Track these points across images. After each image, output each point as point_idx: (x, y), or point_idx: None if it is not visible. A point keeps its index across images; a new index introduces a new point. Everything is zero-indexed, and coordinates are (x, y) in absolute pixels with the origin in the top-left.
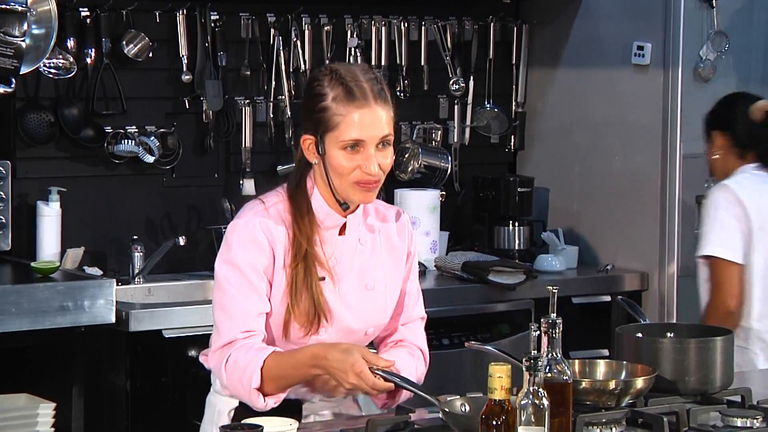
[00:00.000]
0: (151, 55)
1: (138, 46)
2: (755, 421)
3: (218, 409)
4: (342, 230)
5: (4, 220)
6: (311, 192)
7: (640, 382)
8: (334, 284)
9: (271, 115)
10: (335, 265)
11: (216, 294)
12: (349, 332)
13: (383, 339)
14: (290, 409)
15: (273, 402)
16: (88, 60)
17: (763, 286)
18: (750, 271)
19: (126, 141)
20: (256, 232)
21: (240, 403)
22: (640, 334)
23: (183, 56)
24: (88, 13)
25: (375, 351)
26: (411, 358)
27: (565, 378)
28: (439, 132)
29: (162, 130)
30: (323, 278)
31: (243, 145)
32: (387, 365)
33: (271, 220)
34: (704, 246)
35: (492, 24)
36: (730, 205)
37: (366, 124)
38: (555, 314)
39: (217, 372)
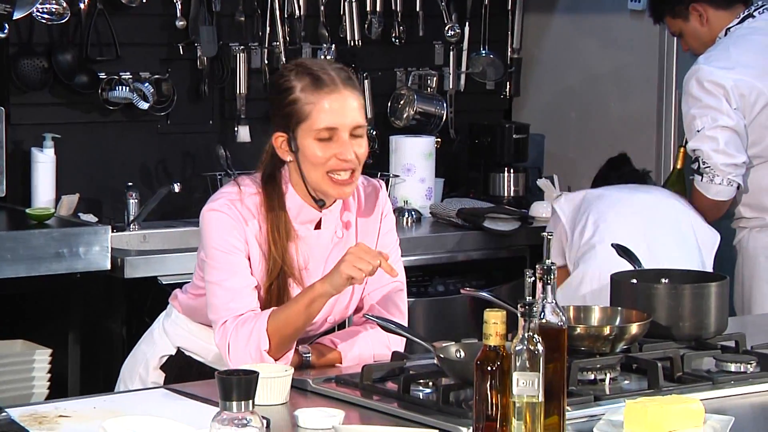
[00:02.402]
0: (144, 0)
1: None
2: (749, 366)
3: (157, 349)
4: (318, 225)
5: None
6: (285, 189)
7: (634, 328)
8: (304, 285)
9: (266, 62)
10: (308, 263)
11: (206, 277)
12: (309, 327)
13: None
14: None
15: (283, 363)
16: (82, 5)
17: None
18: None
19: (120, 87)
20: (230, 216)
21: (177, 350)
22: (634, 280)
23: (177, 2)
24: None
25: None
26: (367, 341)
27: (560, 324)
28: (435, 78)
29: (156, 76)
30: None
31: (238, 92)
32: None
33: (244, 207)
34: None
35: None
36: None
37: (337, 110)
38: (550, 260)
39: (222, 350)
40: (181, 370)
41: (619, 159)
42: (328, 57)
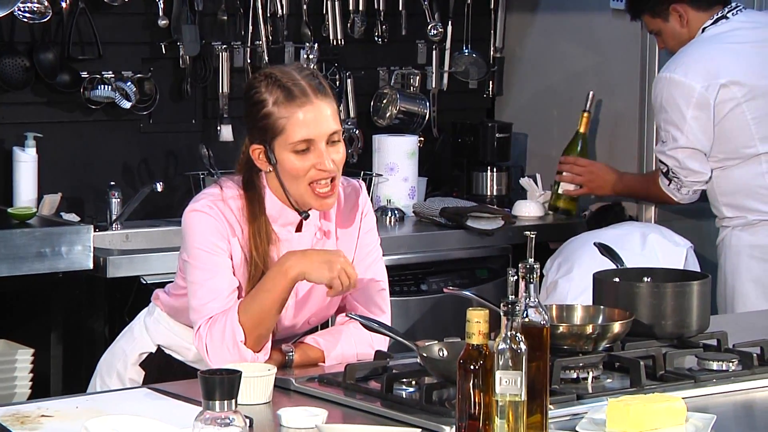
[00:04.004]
0: None
1: None
2: (731, 364)
3: (137, 346)
4: (298, 227)
5: None
6: (264, 194)
7: (617, 327)
8: None
9: (249, 61)
10: None
11: (188, 278)
12: (289, 327)
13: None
14: None
15: (263, 355)
16: (64, 4)
17: None
18: None
19: (102, 86)
20: (212, 216)
21: (157, 348)
22: (617, 279)
23: (159, 0)
24: None
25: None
26: (350, 340)
27: (542, 322)
28: (417, 77)
29: (139, 75)
30: None
31: (220, 91)
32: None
33: (226, 208)
34: None
35: None
36: None
37: (311, 121)
38: (533, 259)
39: (201, 352)
40: (161, 369)
41: (604, 208)
42: (311, 56)
